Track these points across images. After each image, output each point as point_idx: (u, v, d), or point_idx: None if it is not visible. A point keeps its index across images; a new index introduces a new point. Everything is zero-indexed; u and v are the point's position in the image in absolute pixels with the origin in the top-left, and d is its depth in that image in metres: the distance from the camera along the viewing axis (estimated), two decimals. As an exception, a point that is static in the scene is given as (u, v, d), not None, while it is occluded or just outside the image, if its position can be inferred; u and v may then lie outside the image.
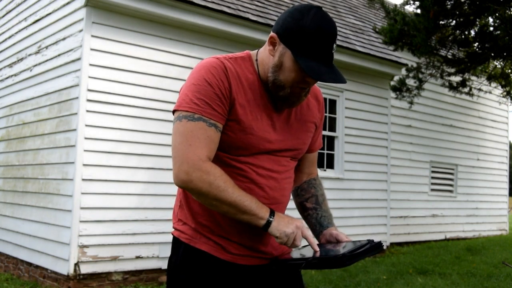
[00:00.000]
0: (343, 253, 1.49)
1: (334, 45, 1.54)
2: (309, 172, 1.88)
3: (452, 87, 8.28)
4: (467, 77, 8.18)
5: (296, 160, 1.76)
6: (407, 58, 8.47)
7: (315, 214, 1.79)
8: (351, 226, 7.63)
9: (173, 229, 1.73)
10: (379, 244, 1.56)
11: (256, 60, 1.65)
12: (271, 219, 1.54)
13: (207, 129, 1.52)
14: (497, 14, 6.35)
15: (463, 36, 7.41)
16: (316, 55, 1.51)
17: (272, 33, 1.57)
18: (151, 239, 5.65)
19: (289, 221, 1.56)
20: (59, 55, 5.77)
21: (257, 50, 1.69)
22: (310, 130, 1.76)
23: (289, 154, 1.70)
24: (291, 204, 1.81)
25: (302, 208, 1.84)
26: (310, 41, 1.50)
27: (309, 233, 1.59)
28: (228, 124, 1.57)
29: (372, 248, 1.54)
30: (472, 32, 7.50)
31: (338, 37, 7.51)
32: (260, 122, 1.61)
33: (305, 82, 1.57)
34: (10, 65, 7.03)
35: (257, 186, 1.61)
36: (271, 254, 1.70)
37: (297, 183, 1.87)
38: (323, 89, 7.42)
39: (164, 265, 5.71)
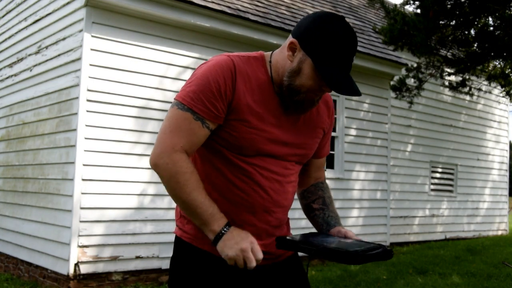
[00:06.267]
0: (357, 250, 1.48)
1: (354, 56, 1.55)
2: (317, 176, 1.87)
3: (452, 87, 8.28)
4: (467, 77, 8.17)
5: (301, 164, 1.75)
6: (407, 58, 8.47)
7: (321, 214, 1.77)
8: (351, 226, 7.63)
9: (176, 228, 1.72)
10: (391, 251, 1.54)
11: (270, 62, 1.63)
12: (222, 232, 1.50)
13: (192, 121, 1.52)
14: (497, 14, 6.35)
15: (463, 36, 7.41)
16: (336, 65, 1.51)
17: (292, 39, 1.55)
18: (151, 239, 5.65)
19: (237, 242, 1.49)
20: (59, 55, 5.77)
21: (271, 52, 1.67)
22: (317, 135, 1.75)
23: (294, 159, 1.69)
24: (295, 204, 1.81)
25: (308, 209, 1.82)
26: (332, 51, 1.49)
27: (260, 256, 1.50)
28: (233, 124, 1.56)
29: (384, 254, 1.52)
30: (472, 32, 7.50)
31: (338, 37, 7.49)
32: (267, 124, 1.59)
33: (321, 90, 1.57)
34: (10, 65, 7.04)
35: (261, 189, 1.60)
36: (274, 254, 1.70)
37: (304, 187, 1.85)
38: (323, 89, 7.41)
39: (164, 265, 5.71)
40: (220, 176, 1.60)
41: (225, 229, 1.51)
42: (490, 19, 7.09)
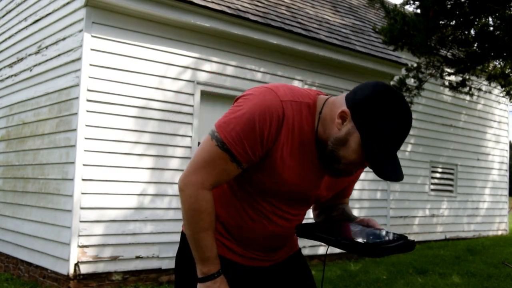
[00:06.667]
0: (375, 243, 1.42)
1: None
2: (338, 203, 1.85)
3: (452, 87, 8.28)
4: (467, 77, 8.17)
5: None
6: (407, 58, 8.47)
7: (341, 216, 1.77)
8: (351, 226, 7.62)
9: (184, 225, 1.75)
10: (413, 243, 1.49)
11: (320, 113, 1.54)
12: (209, 277, 1.56)
13: (228, 163, 1.50)
14: (497, 14, 6.35)
15: (463, 36, 7.41)
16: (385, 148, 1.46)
17: (345, 108, 1.47)
18: (151, 239, 5.65)
19: None
20: (59, 55, 5.77)
21: (326, 98, 1.57)
22: (340, 187, 1.75)
23: (310, 204, 1.72)
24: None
25: (327, 219, 1.81)
26: (384, 133, 1.43)
27: None
28: (263, 168, 1.54)
29: (406, 245, 1.47)
30: (472, 32, 7.50)
31: (338, 37, 7.51)
32: (296, 178, 1.57)
33: (363, 165, 1.52)
34: (10, 65, 7.04)
35: (270, 223, 1.64)
36: (278, 255, 1.75)
37: (321, 208, 1.85)
38: (322, 89, 7.42)
39: (164, 265, 5.71)
40: (235, 200, 1.63)
41: (214, 275, 1.56)
42: (490, 19, 7.09)
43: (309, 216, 1.92)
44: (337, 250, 6.88)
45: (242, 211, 1.62)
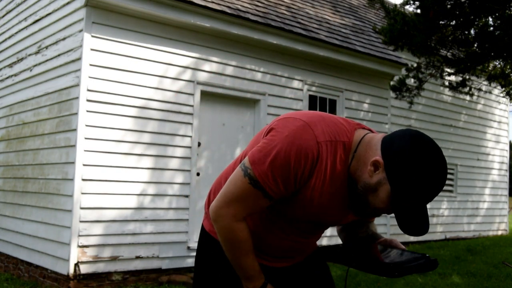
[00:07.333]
0: (395, 263, 1.42)
1: None
2: (365, 221, 1.85)
3: (452, 87, 8.28)
4: (467, 77, 8.17)
5: None
6: (407, 58, 8.47)
7: (365, 233, 1.77)
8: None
9: (206, 222, 1.77)
10: (435, 261, 1.47)
11: (355, 151, 1.50)
12: None
13: (261, 198, 1.51)
14: (497, 14, 6.35)
15: (463, 36, 7.40)
16: (414, 206, 1.44)
17: (378, 158, 1.43)
18: (151, 239, 5.65)
19: None
20: (59, 55, 5.78)
21: (364, 134, 1.53)
22: None
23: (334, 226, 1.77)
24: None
25: (350, 236, 1.81)
26: (417, 189, 1.39)
27: None
28: (293, 200, 1.55)
29: (427, 264, 1.46)
30: (472, 32, 7.50)
31: (338, 37, 7.51)
32: (322, 211, 1.58)
33: (388, 211, 1.49)
34: (10, 65, 7.04)
35: (292, 241, 1.69)
36: (299, 259, 1.80)
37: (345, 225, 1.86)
38: (322, 89, 7.42)
39: (164, 265, 5.71)
40: (258, 217, 1.65)
41: None
42: (490, 19, 7.09)
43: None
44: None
45: (268, 231, 1.66)
